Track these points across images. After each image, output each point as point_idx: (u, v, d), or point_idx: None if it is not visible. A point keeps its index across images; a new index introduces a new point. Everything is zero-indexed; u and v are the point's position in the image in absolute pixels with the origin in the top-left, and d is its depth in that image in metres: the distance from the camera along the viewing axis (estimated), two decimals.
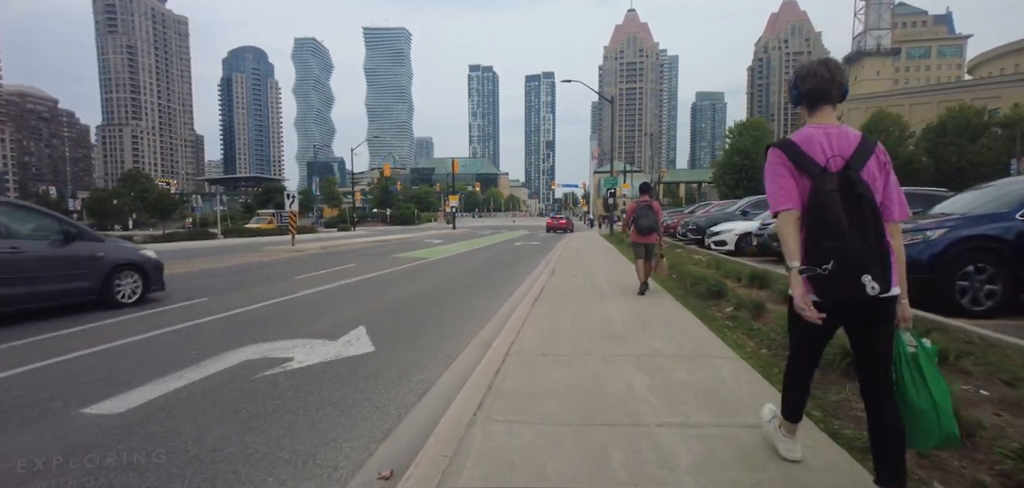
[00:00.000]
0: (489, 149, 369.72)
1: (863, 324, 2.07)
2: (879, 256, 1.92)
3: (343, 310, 7.16)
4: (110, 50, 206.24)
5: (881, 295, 1.92)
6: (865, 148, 2.04)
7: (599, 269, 11.54)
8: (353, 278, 10.87)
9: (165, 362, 4.70)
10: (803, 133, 2.13)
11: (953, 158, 46.61)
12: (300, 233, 39.88)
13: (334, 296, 8.47)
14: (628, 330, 5.41)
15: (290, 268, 12.99)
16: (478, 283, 10.19)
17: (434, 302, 7.91)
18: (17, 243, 6.66)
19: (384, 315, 6.88)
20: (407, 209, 77.16)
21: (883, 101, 62.56)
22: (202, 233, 30.65)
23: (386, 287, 9.62)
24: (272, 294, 8.52)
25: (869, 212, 1.93)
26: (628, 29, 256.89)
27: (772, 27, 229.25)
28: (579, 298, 7.60)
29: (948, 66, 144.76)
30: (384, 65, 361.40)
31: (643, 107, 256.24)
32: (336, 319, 6.62)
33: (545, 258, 16.04)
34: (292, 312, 7.10)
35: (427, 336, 5.80)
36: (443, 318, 6.74)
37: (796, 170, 2.07)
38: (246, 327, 6.17)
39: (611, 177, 29.12)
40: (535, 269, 13.02)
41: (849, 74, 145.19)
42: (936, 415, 1.96)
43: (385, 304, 7.73)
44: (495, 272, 12.27)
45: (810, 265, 1.98)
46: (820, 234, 1.96)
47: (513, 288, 9.54)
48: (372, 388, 4.11)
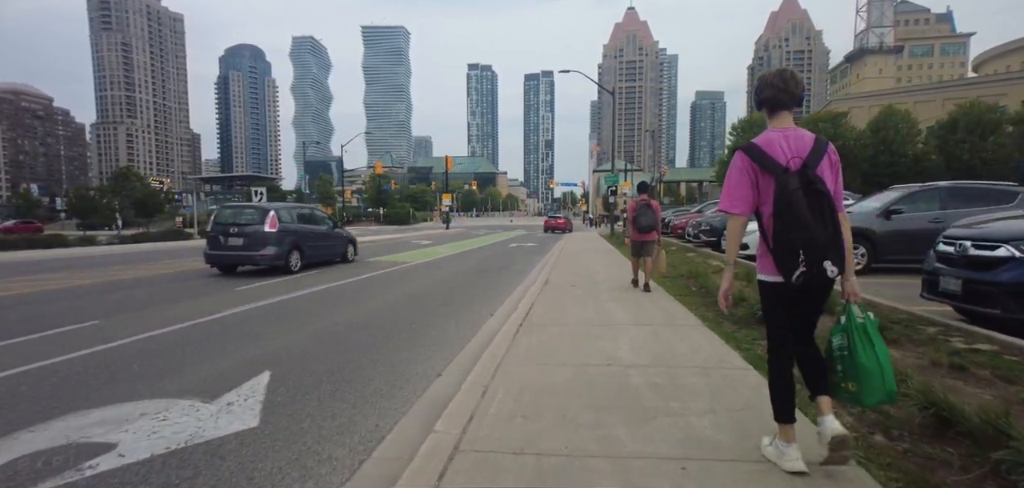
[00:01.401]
0: (488, 148, 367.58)
1: (815, 299, 2.38)
2: (836, 244, 2.21)
3: (258, 342, 5.31)
4: (104, 47, 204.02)
5: (837, 276, 2.24)
6: (819, 148, 2.30)
7: (603, 278, 9.71)
8: (300, 291, 9.03)
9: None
10: (764, 137, 2.37)
11: (965, 156, 44.97)
12: None
13: (259, 318, 6.63)
14: (655, 390, 3.55)
15: (234, 278, 11.13)
16: (454, 298, 8.33)
17: (386, 330, 6.07)
18: (325, 229, 13.65)
19: (309, 351, 5.02)
20: (402, 208, 75.27)
21: (888, 98, 60.71)
22: (177, 233, 28.75)
23: (335, 304, 7.79)
24: (179, 316, 6.65)
25: (827, 206, 2.20)
26: (628, 27, 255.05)
27: (772, 26, 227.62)
28: (578, 326, 5.75)
29: (950, 64, 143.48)
30: (383, 64, 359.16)
31: (643, 106, 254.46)
32: (238, 359, 4.76)
33: (540, 263, 14.21)
34: (184, 346, 5.23)
35: (351, 393, 3.93)
36: (386, 358, 4.87)
37: (760, 170, 2.31)
38: (96, 375, 4.31)
39: (612, 174, 27.29)
40: (527, 276, 11.19)
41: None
42: (881, 374, 2.26)
43: (318, 332, 5.88)
44: (479, 281, 10.42)
45: (779, 258, 2.25)
46: (789, 227, 2.18)
47: (496, 304, 7.70)
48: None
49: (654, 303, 6.93)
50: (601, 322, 5.79)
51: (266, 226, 11.39)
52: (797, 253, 2.16)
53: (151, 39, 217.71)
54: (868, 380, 2.27)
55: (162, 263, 14.53)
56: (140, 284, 10.00)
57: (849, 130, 48.29)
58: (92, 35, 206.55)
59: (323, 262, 13.22)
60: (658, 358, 4.30)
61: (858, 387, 2.31)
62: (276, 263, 11.41)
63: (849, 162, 46.41)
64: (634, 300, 7.19)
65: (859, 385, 2.30)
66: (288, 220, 12.16)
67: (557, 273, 10.71)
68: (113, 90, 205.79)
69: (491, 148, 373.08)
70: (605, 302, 7.11)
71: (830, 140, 2.46)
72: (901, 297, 6.84)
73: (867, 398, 2.31)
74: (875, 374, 2.26)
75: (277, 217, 11.71)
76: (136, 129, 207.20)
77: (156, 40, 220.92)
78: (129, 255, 17.64)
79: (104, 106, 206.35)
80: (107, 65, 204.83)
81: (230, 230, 11.46)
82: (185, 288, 9.34)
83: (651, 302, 7.04)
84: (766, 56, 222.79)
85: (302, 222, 12.77)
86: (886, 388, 2.27)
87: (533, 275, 11.34)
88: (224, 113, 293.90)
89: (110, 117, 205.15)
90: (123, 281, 10.43)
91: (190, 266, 13.34)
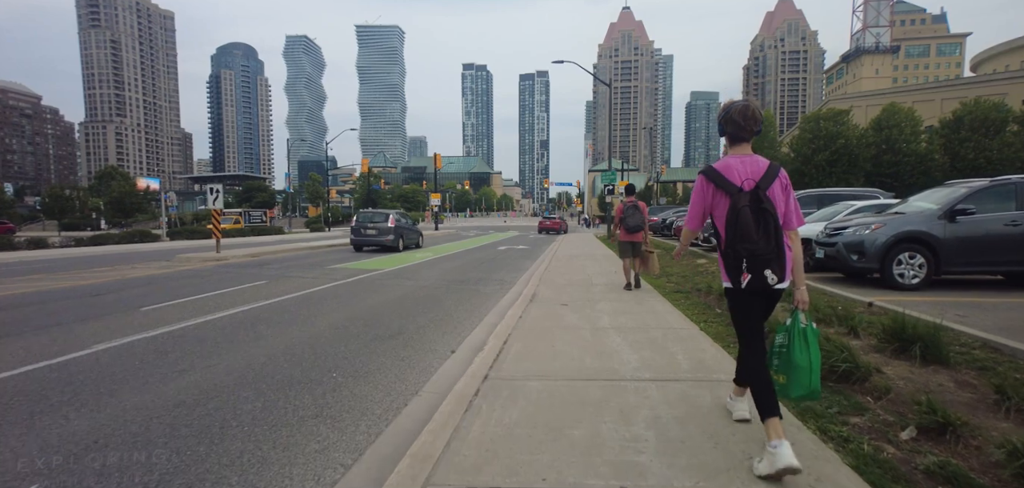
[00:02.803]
0: (483, 148, 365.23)
1: (766, 302, 2.65)
2: (778, 255, 2.42)
3: (116, 398, 3.49)
4: (93, 45, 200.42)
5: (778, 286, 2.44)
6: (771, 172, 2.54)
7: (600, 292, 7.89)
8: (234, 309, 7.19)
9: None
10: (724, 162, 2.61)
11: (970, 154, 43.65)
12: (265, 234, 36.14)
13: (152, 353, 4.81)
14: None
15: (162, 288, 9.25)
16: (408, 325, 6.48)
17: (308, 373, 4.26)
18: (410, 225, 20.99)
19: (184, 411, 3.20)
20: (393, 208, 73.31)
21: (887, 97, 59.22)
22: (144, 235, 26.73)
23: (267, 326, 5.96)
24: (37, 352, 4.79)
25: (771, 222, 2.42)
26: (623, 26, 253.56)
27: (768, 26, 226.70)
28: (570, 380, 3.92)
29: (947, 64, 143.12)
30: (377, 63, 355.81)
31: (638, 105, 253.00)
32: (67, 431, 2.94)
33: (529, 270, 12.39)
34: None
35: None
36: (285, 433, 3.06)
37: (717, 190, 2.56)
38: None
39: (609, 172, 25.51)
40: (511, 289, 9.37)
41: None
42: (809, 373, 2.52)
43: (211, 379, 4.06)
44: (450, 297, 8.58)
45: (728, 265, 2.52)
46: (735, 239, 2.44)
47: (463, 333, 5.88)
48: None
49: (679, 344, 5.12)
50: (604, 372, 3.96)
51: (389, 223, 18.89)
52: (742, 261, 2.42)
53: (141, 37, 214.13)
54: (797, 376, 2.55)
55: (82, 272, 12.58)
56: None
57: (851, 128, 46.74)
58: (80, 32, 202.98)
59: (412, 246, 20.56)
60: (705, 467, 2.48)
61: (788, 380, 2.59)
62: (393, 245, 18.58)
63: (851, 161, 44.90)
64: (643, 327, 5.39)
65: (789, 379, 2.59)
66: (397, 221, 19.47)
67: (547, 285, 8.88)
68: (102, 88, 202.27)
69: (486, 148, 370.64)
70: (607, 332, 5.29)
71: (833, 137, 14.65)
72: (1003, 326, 5.04)
73: (794, 391, 2.58)
74: (805, 372, 2.53)
75: (395, 218, 19.38)
76: (125, 128, 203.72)
77: (146, 38, 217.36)
78: (57, 262, 15.66)
79: (93, 104, 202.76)
80: (96, 62, 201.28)
81: (367, 225, 18.93)
82: (94, 305, 7.45)
83: (675, 342, 5.23)
84: (762, 56, 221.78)
85: (401, 221, 20.22)
86: (812, 385, 2.54)
87: (519, 287, 9.52)
88: (216, 112, 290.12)
89: (99, 115, 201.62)
90: (52, 291, 8.51)
91: (130, 274, 11.42)
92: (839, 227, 8.36)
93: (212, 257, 14.64)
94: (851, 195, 11.39)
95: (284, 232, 39.12)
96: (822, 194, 12.14)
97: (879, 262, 7.63)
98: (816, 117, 48.84)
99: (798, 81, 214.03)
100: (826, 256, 8.38)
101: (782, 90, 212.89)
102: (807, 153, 46.75)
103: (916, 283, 7.54)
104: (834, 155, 45.20)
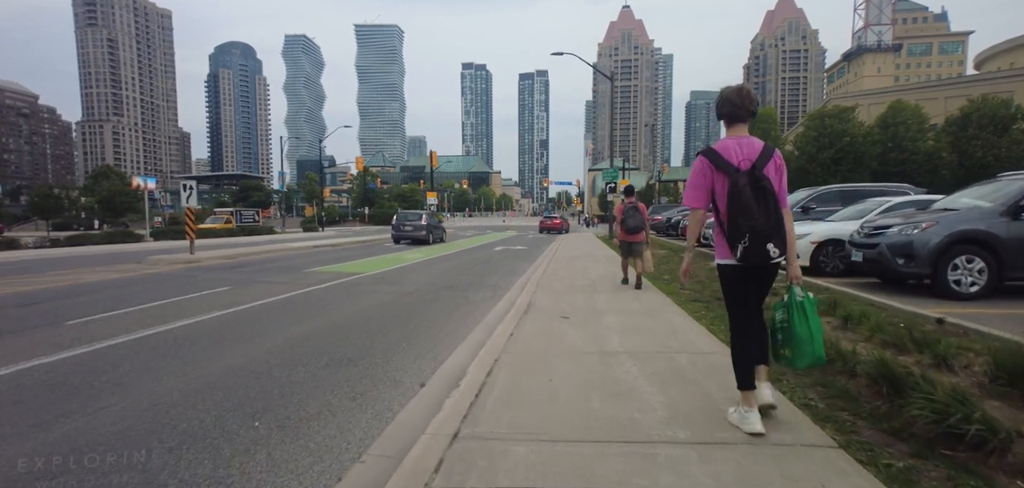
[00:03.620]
0: (482, 148, 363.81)
1: (762, 278, 2.74)
2: (778, 230, 2.55)
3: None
4: (90, 43, 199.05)
5: (779, 258, 2.59)
6: (767, 153, 2.66)
7: (605, 301, 6.80)
8: (176, 323, 6.11)
9: None
10: (722, 143, 2.73)
11: (978, 153, 42.65)
12: (256, 234, 34.84)
13: (38, 387, 3.74)
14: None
15: (108, 296, 8.16)
16: (377, 343, 5.39)
17: (222, 421, 3.20)
18: (437, 224, 25.40)
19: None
20: (391, 207, 72.08)
21: (890, 96, 58.03)
22: (126, 235, 25.61)
23: (203, 348, 4.89)
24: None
25: (771, 199, 2.55)
26: (623, 25, 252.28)
27: (768, 25, 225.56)
28: (573, 444, 2.84)
29: (949, 62, 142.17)
30: (376, 63, 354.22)
31: (638, 104, 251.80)
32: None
33: (525, 273, 11.31)
34: None
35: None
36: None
37: (716, 170, 2.67)
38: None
39: (611, 170, 24.42)
40: (504, 296, 8.28)
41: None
42: (812, 342, 2.63)
43: (85, 433, 3.00)
44: (433, 307, 7.48)
45: (730, 241, 2.62)
46: (737, 215, 2.55)
47: (440, 356, 4.79)
48: None
49: (713, 377, 4.04)
50: (621, 425, 2.86)
51: (422, 221, 23.08)
52: (744, 235, 2.53)
53: (138, 35, 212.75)
54: (800, 347, 2.66)
55: (33, 277, 11.47)
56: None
57: (857, 125, 45.65)
58: (77, 31, 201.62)
59: (438, 240, 24.10)
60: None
61: (792, 352, 2.71)
62: (424, 238, 22.44)
63: (856, 159, 43.83)
64: (664, 350, 4.31)
65: (793, 351, 2.70)
66: (428, 220, 23.64)
67: (544, 292, 7.79)
68: (99, 87, 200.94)
69: (486, 148, 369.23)
70: (619, 358, 4.20)
71: (838, 135, 13.96)
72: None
73: (799, 362, 2.70)
74: (807, 342, 2.64)
75: (426, 217, 23.67)
76: (122, 127, 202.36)
77: (143, 36, 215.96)
78: (13, 266, 14.55)
79: (90, 103, 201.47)
80: (92, 61, 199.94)
81: (404, 223, 22.94)
82: (18, 317, 6.36)
83: (708, 374, 4.14)
84: (762, 55, 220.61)
85: (431, 220, 24.44)
86: (816, 353, 2.65)
87: (513, 293, 8.43)
88: (214, 112, 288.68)
89: (96, 115, 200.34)
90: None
91: (86, 278, 10.32)
92: (880, 226, 7.22)
93: (184, 259, 13.52)
94: (878, 191, 10.27)
95: (276, 232, 37.90)
96: (845, 190, 10.99)
97: (931, 266, 6.54)
98: (821, 114, 47.73)
99: (799, 80, 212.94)
100: (865, 259, 7.24)
101: (783, 89, 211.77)
102: (812, 151, 45.65)
103: (975, 291, 6.45)
104: (839, 153, 44.13)
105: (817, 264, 8.72)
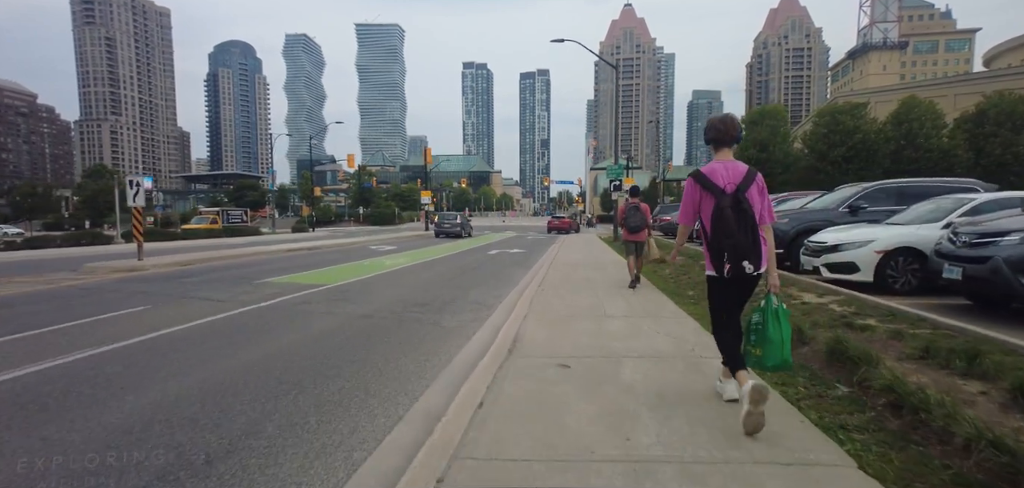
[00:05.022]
0: (483, 147, 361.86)
1: (743, 289, 3.08)
2: (755, 248, 2.87)
3: None
4: (87, 42, 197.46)
5: (755, 273, 2.91)
6: (749, 177, 2.96)
7: (619, 328, 5.08)
8: (37, 364, 4.45)
9: None
10: (710, 167, 3.05)
11: (996, 150, 40.86)
12: (243, 234, 33.07)
13: None
14: None
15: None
16: (268, 416, 3.70)
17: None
18: (465, 222, 33.69)
19: None
20: (387, 207, 70.48)
21: (896, 93, 56.12)
22: (95, 237, 23.93)
23: (49, 409, 3.22)
24: None
25: (749, 220, 2.86)
26: (624, 24, 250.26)
27: (771, 23, 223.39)
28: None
29: (955, 60, 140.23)
30: (377, 62, 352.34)
31: (640, 103, 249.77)
32: None
33: (519, 285, 9.61)
34: None
35: None
36: None
37: (704, 191, 3.00)
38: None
39: (616, 166, 22.72)
40: (485, 323, 6.56)
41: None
42: (781, 346, 2.93)
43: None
44: (392, 337, 5.78)
45: (713, 256, 2.99)
46: (720, 234, 2.89)
47: (371, 435, 3.12)
48: None
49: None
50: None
51: (457, 220, 30.90)
52: (723, 253, 2.88)
53: (136, 34, 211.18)
54: (770, 348, 2.96)
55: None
56: None
57: (870, 122, 43.86)
58: (74, 29, 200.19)
59: (467, 235, 30.84)
60: None
61: (762, 352, 3.00)
62: (459, 233, 29.51)
63: (869, 157, 42.07)
64: (740, 452, 2.63)
65: (763, 351, 3.00)
66: (462, 219, 31.72)
67: (538, 318, 6.08)
68: (96, 86, 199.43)
69: (487, 147, 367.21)
70: (659, 470, 2.50)
71: (850, 132, 13.98)
72: None
73: (767, 361, 3.00)
74: (777, 345, 2.94)
75: (461, 217, 31.98)
76: (120, 126, 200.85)
77: (142, 35, 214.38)
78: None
79: (87, 103, 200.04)
80: (90, 60, 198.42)
81: (444, 222, 31.01)
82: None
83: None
84: (765, 54, 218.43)
85: (464, 219, 32.55)
86: (783, 356, 2.96)
87: (499, 316, 6.75)
88: (214, 111, 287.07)
89: (94, 114, 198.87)
90: None
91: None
92: (988, 234, 5.42)
93: (127, 266, 11.82)
94: (944, 187, 8.51)
95: (261, 233, 36.15)
96: (904, 187, 9.13)
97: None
98: (832, 111, 45.91)
99: (802, 79, 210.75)
100: (967, 277, 5.40)
101: (786, 88, 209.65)
102: (822, 149, 43.85)
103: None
104: (851, 151, 42.38)
105: (883, 279, 6.97)
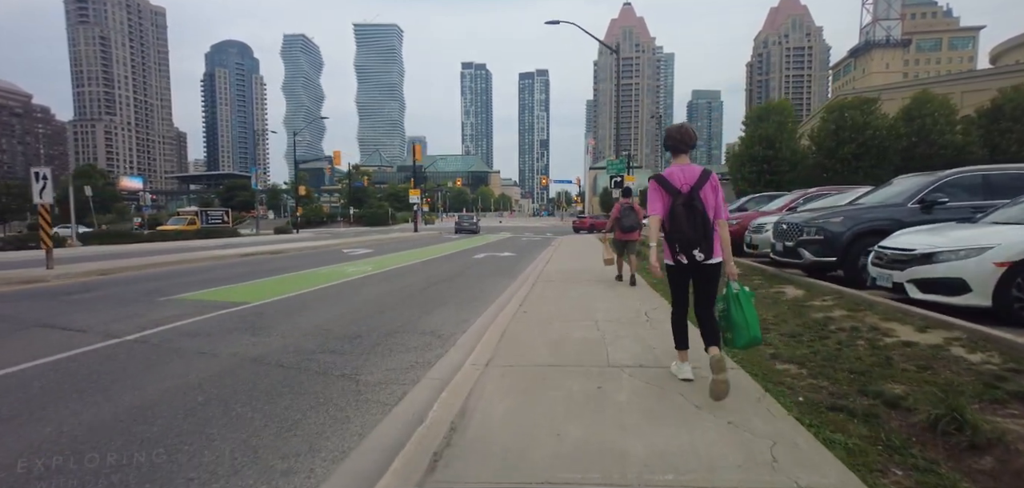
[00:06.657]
0: (482, 148, 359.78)
1: (700, 277, 3.51)
2: (705, 239, 3.33)
3: None
4: (82, 42, 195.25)
5: (706, 262, 3.39)
6: (703, 178, 3.44)
7: (635, 392, 3.19)
8: None
9: None
10: (669, 170, 3.54)
11: (1012, 146, 39.02)
12: (221, 237, 31.12)
13: None
14: None
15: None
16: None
17: None
18: (479, 219, 53.27)
19: None
20: (380, 208, 68.51)
21: (902, 91, 54.23)
22: (26, 240, 21.94)
23: None
24: None
25: (700, 216, 3.33)
26: (624, 23, 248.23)
27: (772, 22, 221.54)
28: None
29: (959, 58, 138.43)
30: (375, 62, 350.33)
31: (639, 103, 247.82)
32: None
33: (496, 303, 7.65)
34: None
35: None
36: None
37: (664, 192, 3.48)
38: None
39: (617, 162, 20.77)
40: (428, 373, 4.60)
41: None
42: (746, 327, 3.33)
43: None
44: (277, 401, 3.86)
45: (669, 246, 3.50)
46: (673, 229, 3.40)
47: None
48: None
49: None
50: None
51: (475, 219, 42.41)
52: (676, 244, 3.42)
53: (131, 34, 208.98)
54: (737, 330, 3.36)
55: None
56: None
57: (881, 118, 41.97)
58: (69, 28, 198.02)
59: (477, 232, 37.25)
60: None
61: (732, 335, 3.40)
62: (475, 230, 38.23)
63: (879, 154, 40.24)
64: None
65: (732, 334, 3.39)
66: (477, 217, 47.53)
67: (507, 366, 4.15)
68: (91, 86, 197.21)
69: (486, 148, 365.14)
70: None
71: (860, 128, 16.14)
72: None
73: (738, 342, 3.38)
74: (742, 327, 3.33)
75: (477, 217, 47.22)
76: (115, 126, 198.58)
77: (137, 35, 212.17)
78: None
79: (82, 103, 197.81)
80: (84, 60, 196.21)
81: (463, 221, 40.37)
82: None
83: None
84: (765, 53, 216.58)
85: (478, 216, 59.86)
86: (751, 335, 3.34)
87: (447, 363, 4.78)
88: (210, 111, 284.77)
89: (88, 114, 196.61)
90: None
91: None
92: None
93: (22, 277, 9.76)
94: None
95: (240, 234, 34.10)
96: (990, 176, 6.94)
97: None
98: (840, 106, 44.00)
99: (802, 78, 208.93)
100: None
101: (786, 87, 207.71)
102: (830, 146, 41.93)
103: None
104: (861, 147, 40.50)
105: (1006, 301, 4.93)
